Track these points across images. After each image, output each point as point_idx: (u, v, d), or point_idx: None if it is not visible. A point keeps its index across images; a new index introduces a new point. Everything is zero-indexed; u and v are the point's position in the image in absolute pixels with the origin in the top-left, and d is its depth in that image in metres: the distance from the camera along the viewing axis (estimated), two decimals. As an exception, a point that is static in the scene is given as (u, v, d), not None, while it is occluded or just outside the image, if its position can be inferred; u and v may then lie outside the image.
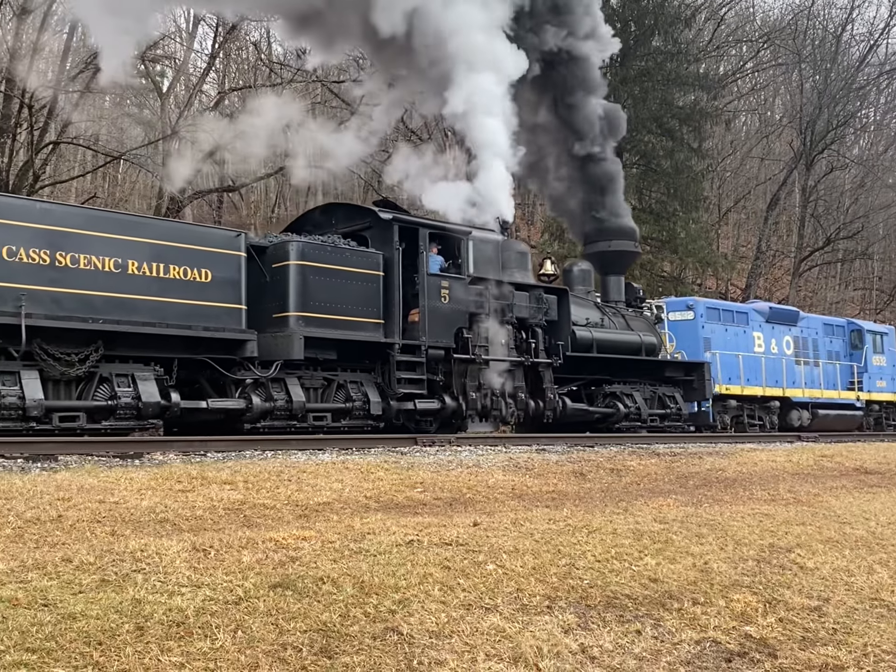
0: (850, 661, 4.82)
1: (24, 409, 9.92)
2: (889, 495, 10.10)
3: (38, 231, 10.20)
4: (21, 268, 10.00)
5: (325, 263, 12.52)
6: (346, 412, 12.87)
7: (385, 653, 4.13)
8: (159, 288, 11.01)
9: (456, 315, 13.92)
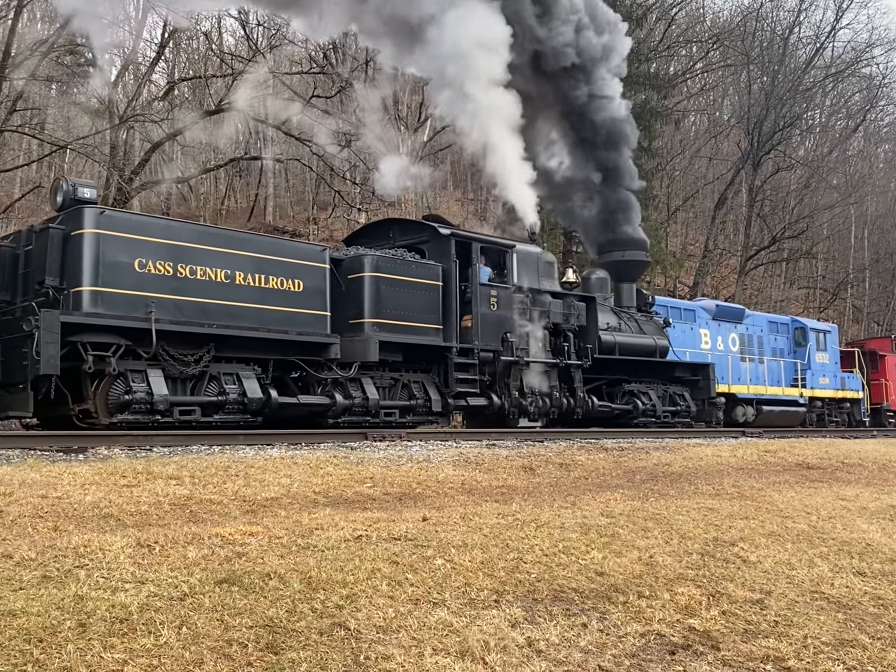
0: (791, 652, 4.92)
1: (152, 404, 11.04)
2: (830, 490, 10.31)
3: (163, 245, 11.39)
4: (149, 278, 11.20)
5: (394, 275, 13.88)
6: (410, 409, 14.20)
7: (332, 648, 4.11)
8: (261, 296, 12.29)
9: (502, 321, 15.37)
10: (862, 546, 7.39)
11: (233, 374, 12.07)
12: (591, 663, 4.40)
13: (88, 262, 10.83)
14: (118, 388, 10.94)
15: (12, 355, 10.77)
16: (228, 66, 28.74)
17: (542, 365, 16.09)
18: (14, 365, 10.75)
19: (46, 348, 10.04)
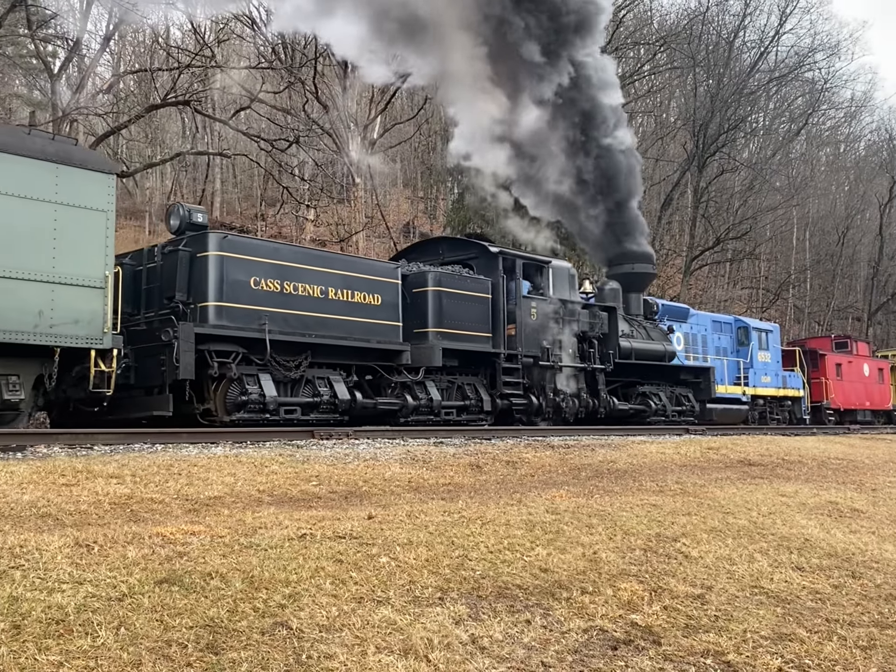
0: (731, 646, 4.99)
1: (264, 404, 12.51)
2: (770, 486, 10.49)
3: (272, 265, 12.97)
4: (262, 294, 12.75)
5: (452, 288, 15.55)
6: (465, 409, 15.78)
7: (273, 647, 4.07)
8: (348, 309, 13.84)
9: (541, 329, 17.15)
10: (801, 541, 7.53)
11: (324, 378, 13.62)
12: (534, 659, 4.42)
13: (213, 280, 12.29)
14: (235, 391, 12.41)
15: (146, 362, 11.97)
16: (175, 59, 28.33)
17: (572, 369, 17.82)
18: (148, 371, 11.97)
19: (184, 356, 11.45)
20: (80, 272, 10.74)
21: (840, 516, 8.98)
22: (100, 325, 10.88)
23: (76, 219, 10.76)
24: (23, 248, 10.25)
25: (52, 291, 10.48)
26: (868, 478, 12.30)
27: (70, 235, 10.70)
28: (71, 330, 10.59)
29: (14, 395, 10.34)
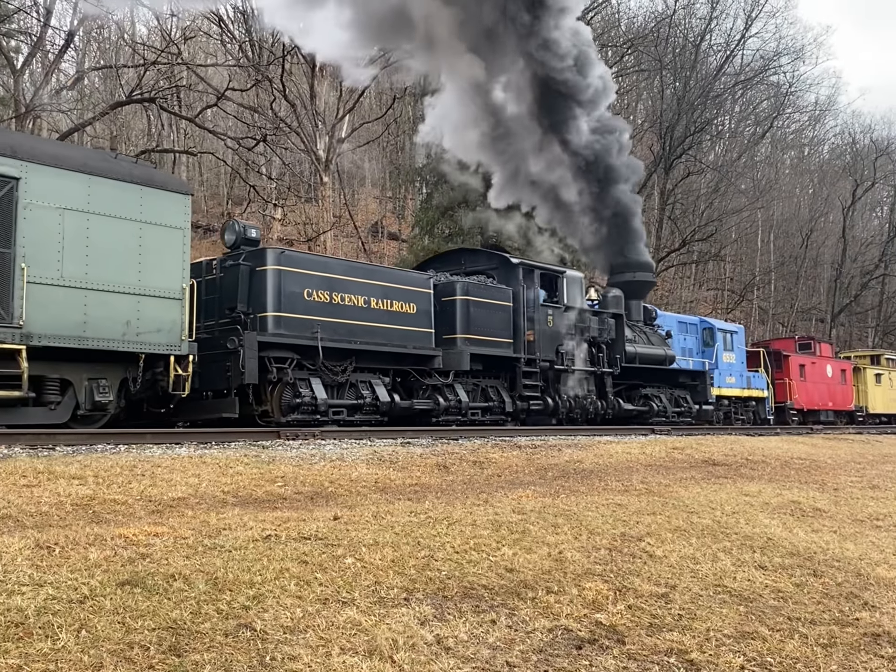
0: (694, 645, 5.03)
1: (316, 406, 13.64)
2: (734, 486, 10.59)
3: (322, 278, 14.06)
4: (314, 305, 13.84)
5: (478, 297, 16.65)
6: (489, 409, 16.88)
7: (237, 649, 4.05)
8: (388, 318, 14.94)
9: (556, 335, 18.28)
10: (763, 540, 7.61)
11: (366, 381, 14.71)
12: (499, 659, 4.42)
13: (271, 292, 13.37)
14: (289, 394, 13.45)
15: (210, 368, 12.71)
16: (141, 56, 28.05)
17: (583, 372, 19.02)
18: (212, 375, 12.80)
19: (249, 363, 12.58)
20: (161, 285, 11.75)
21: (802, 516, 9.09)
22: (178, 333, 11.88)
23: (158, 236, 11.77)
24: (114, 263, 11.27)
25: (139, 303, 11.50)
26: (830, 477, 12.46)
27: (153, 251, 11.69)
28: (154, 338, 11.61)
29: (104, 397, 11.33)
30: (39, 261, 10.57)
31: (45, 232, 10.67)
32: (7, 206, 10.38)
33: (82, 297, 10.92)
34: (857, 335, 60.70)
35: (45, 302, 10.57)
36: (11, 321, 10.24)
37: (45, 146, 11.69)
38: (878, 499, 10.86)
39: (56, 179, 10.85)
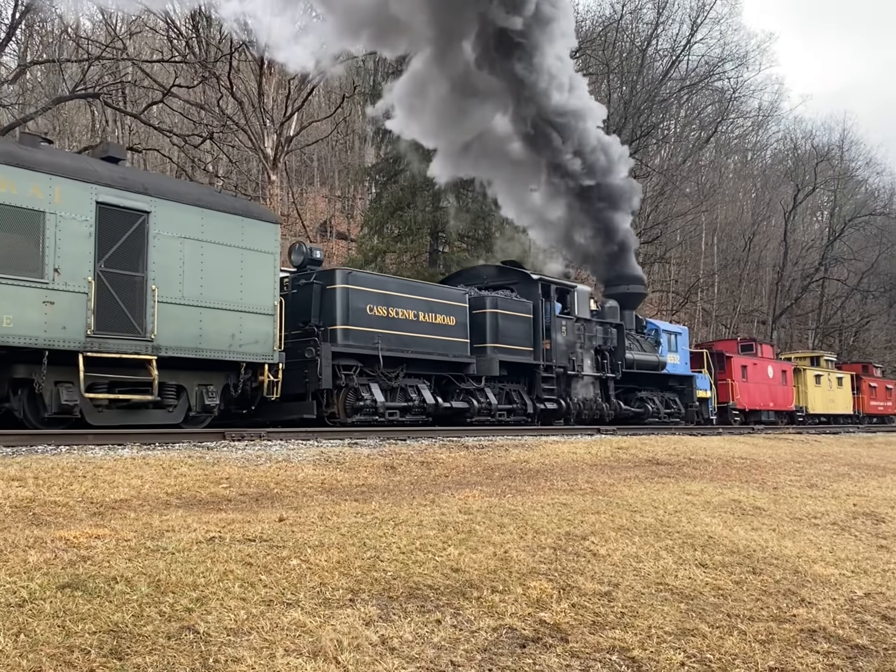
0: (636, 642, 5.10)
1: (376, 408, 15.36)
2: (677, 485, 10.75)
3: (381, 295, 15.92)
4: (375, 319, 15.69)
5: (505, 310, 18.55)
6: (512, 411, 18.67)
7: (179, 652, 4.01)
8: (432, 329, 16.83)
9: (569, 344, 20.16)
10: (705, 539, 7.74)
11: (414, 385, 16.45)
12: (444, 659, 4.45)
13: (340, 308, 15.20)
14: (353, 397, 15.10)
15: (287, 375, 13.88)
16: (85, 50, 27.54)
17: (591, 377, 20.95)
18: (290, 381, 14.06)
19: (325, 370, 14.44)
20: (258, 302, 13.46)
21: (743, 514, 9.26)
22: (271, 344, 13.59)
23: (255, 260, 13.48)
24: (222, 284, 12.95)
25: (241, 318, 13.19)
26: (770, 476, 12.72)
27: (251, 273, 13.39)
28: (252, 348, 13.35)
29: (211, 401, 13.04)
30: (165, 283, 12.20)
31: (169, 258, 12.30)
32: (140, 236, 12.05)
33: (198, 313, 12.65)
34: (798, 337, 61.94)
35: (169, 318, 12.22)
36: (144, 335, 11.94)
37: (168, 184, 13.50)
38: (816, 497, 11.11)
39: (177, 213, 12.49)
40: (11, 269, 10.62)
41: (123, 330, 11.74)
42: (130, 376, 11.91)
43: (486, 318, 18.12)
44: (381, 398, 15.45)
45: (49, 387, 11.17)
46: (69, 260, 11.21)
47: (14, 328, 10.55)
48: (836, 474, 13.95)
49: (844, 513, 10.20)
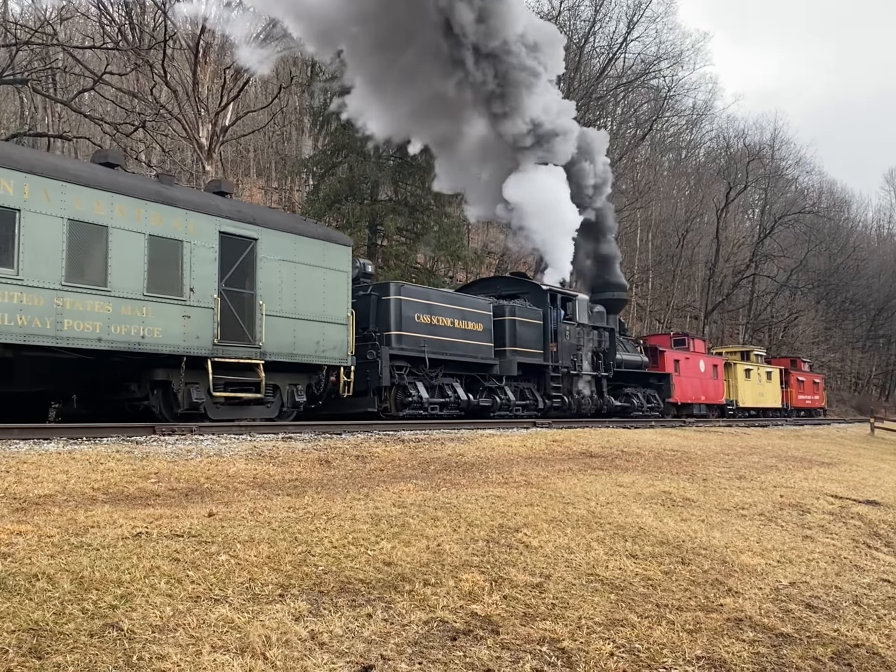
0: (566, 633, 5.15)
1: (422, 403, 17.62)
2: (609, 477, 10.87)
3: (425, 304, 18.26)
4: (421, 325, 17.97)
5: (521, 317, 20.90)
6: (526, 406, 20.85)
7: (102, 650, 3.92)
8: (464, 335, 19.18)
9: (572, 347, 22.58)
10: (635, 530, 7.84)
11: (449, 384, 18.78)
12: (374, 653, 4.42)
13: (394, 316, 17.45)
14: (402, 394, 17.31)
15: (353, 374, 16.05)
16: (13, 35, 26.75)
17: (589, 376, 23.37)
18: (355, 379, 16.01)
19: (384, 370, 16.80)
20: (336, 313, 15.67)
21: (673, 505, 9.41)
22: (345, 349, 15.80)
23: (333, 277, 15.69)
24: (310, 298, 15.15)
25: (323, 328, 15.37)
26: (700, 468, 12.94)
27: (331, 289, 15.59)
28: (332, 353, 15.52)
29: (300, 399, 15.22)
30: (269, 298, 14.41)
31: (272, 277, 14.49)
32: (251, 259, 14.21)
33: (293, 324, 14.83)
34: (729, 332, 63.16)
35: (272, 328, 14.41)
36: (254, 343, 14.11)
37: (270, 215, 15.98)
38: (745, 489, 11.34)
39: (277, 239, 14.68)
40: (161, 289, 12.74)
41: (239, 339, 13.94)
42: (241, 377, 14.02)
43: (505, 325, 20.42)
44: (425, 395, 17.69)
45: (181, 387, 13.19)
46: (200, 281, 13.36)
47: (163, 338, 12.70)
48: (763, 466, 14.26)
49: (771, 504, 10.43)
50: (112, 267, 12.12)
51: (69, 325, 11.52)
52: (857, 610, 6.70)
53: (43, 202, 11.37)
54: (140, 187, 12.89)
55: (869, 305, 73.95)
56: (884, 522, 10.47)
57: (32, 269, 11.15)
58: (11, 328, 10.81)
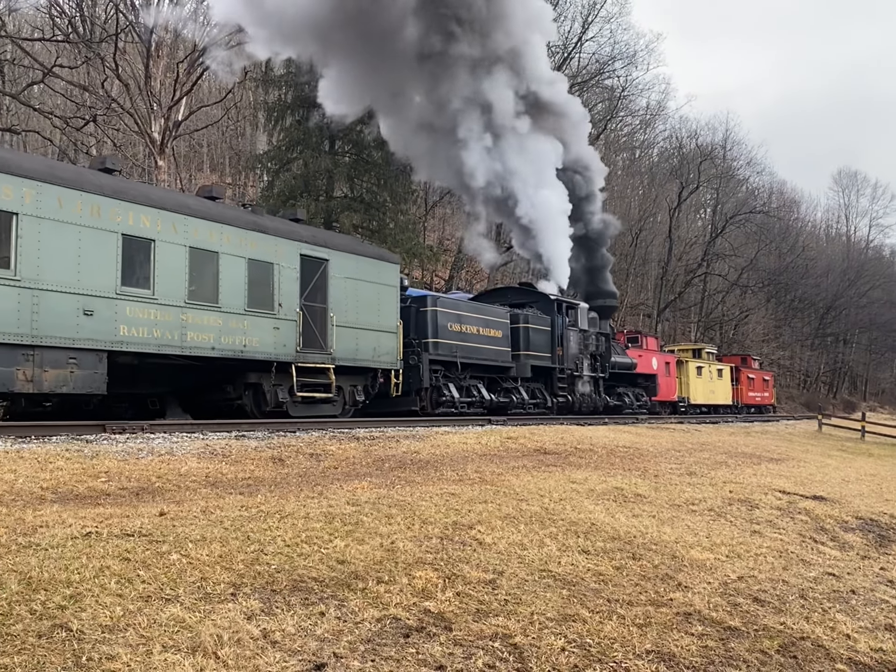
0: (518, 629, 5.19)
1: (454, 402, 19.71)
2: (563, 474, 10.96)
3: (456, 314, 20.31)
4: (453, 333, 20.05)
5: (534, 325, 23.15)
6: (537, 405, 23.16)
7: (51, 651, 3.88)
8: (487, 341, 21.25)
9: (576, 351, 24.99)
10: (588, 526, 7.93)
11: (475, 385, 20.86)
12: (327, 651, 4.43)
13: (432, 326, 19.58)
14: (437, 394, 19.51)
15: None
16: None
17: (589, 377, 25.86)
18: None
19: (425, 373, 19.04)
20: (388, 324, 17.97)
21: (625, 501, 9.52)
22: (395, 355, 18.09)
23: (385, 292, 18.01)
24: (369, 310, 17.47)
25: (378, 336, 17.67)
26: (651, 465, 13.10)
27: (384, 302, 17.92)
28: (385, 358, 17.84)
29: (359, 398, 17.60)
30: (338, 311, 16.70)
31: (339, 293, 16.78)
32: (324, 277, 16.46)
33: (356, 333, 17.11)
34: (681, 330, 63.94)
35: (341, 337, 16.72)
36: (327, 350, 16.42)
37: (338, 239, 18.15)
38: (695, 485, 11.50)
39: (343, 259, 16.97)
40: (257, 305, 14.96)
41: (315, 346, 16.15)
42: (315, 379, 16.18)
43: (520, 331, 22.61)
44: (457, 395, 19.86)
45: (270, 388, 15.41)
46: (286, 297, 15.57)
47: (259, 347, 14.94)
48: (714, 462, 14.48)
49: (721, 499, 10.60)
50: (222, 286, 14.30)
51: (191, 336, 13.72)
52: (803, 603, 6.84)
53: (171, 233, 13.51)
54: (242, 218, 15.13)
55: (817, 304, 75.33)
56: (830, 517, 10.70)
57: (164, 290, 13.31)
58: (149, 340, 13.06)
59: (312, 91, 30.23)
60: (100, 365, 12.29)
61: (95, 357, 12.22)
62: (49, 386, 11.60)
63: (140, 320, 12.88)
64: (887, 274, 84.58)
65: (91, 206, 12.36)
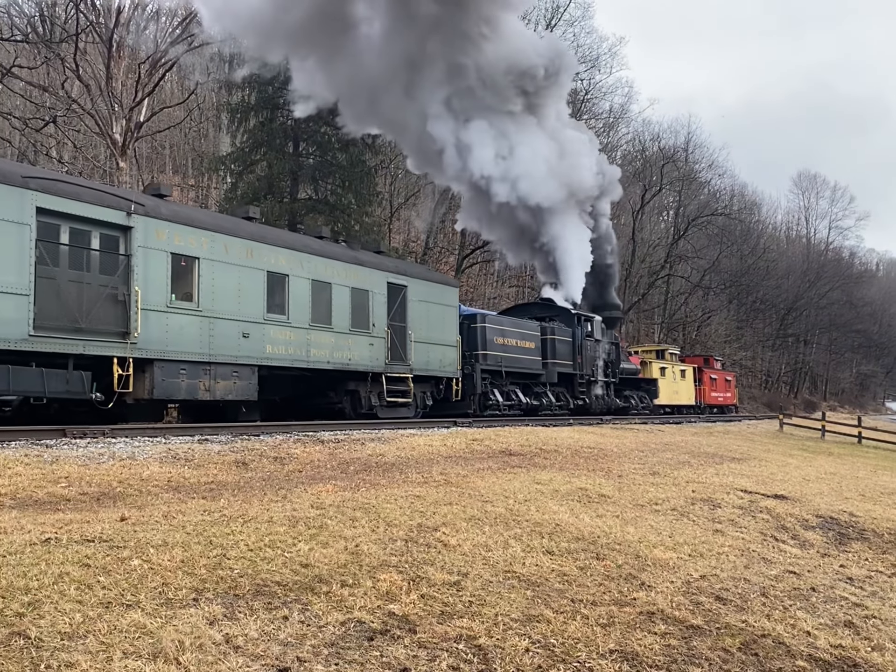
0: (483, 630, 5.19)
1: (499, 406, 22.78)
2: (528, 475, 10.99)
3: (500, 329, 23.33)
4: (499, 346, 23.02)
5: (559, 336, 26.24)
6: (561, 406, 26.14)
7: (9, 659, 3.82)
8: (524, 352, 24.29)
9: (591, 358, 28.01)
10: (552, 526, 7.96)
11: (513, 390, 23.89)
12: (290, 655, 4.40)
13: (481, 339, 22.49)
14: (484, 399, 22.37)
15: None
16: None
17: (603, 382, 28.92)
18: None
19: (479, 381, 22.03)
20: (450, 339, 21.36)
21: (589, 502, 9.57)
22: (455, 365, 21.48)
23: (447, 312, 21.37)
24: (436, 327, 20.76)
25: (443, 349, 20.98)
26: (615, 465, 13.18)
27: (448, 320, 21.35)
28: (448, 368, 21.20)
29: (429, 402, 20.77)
30: (415, 329, 20.01)
31: (416, 313, 20.09)
32: (404, 301, 19.76)
33: (427, 347, 20.39)
34: (645, 331, 64.41)
35: (417, 351, 19.95)
36: (407, 362, 19.70)
37: (413, 268, 21.79)
38: (658, 485, 11.59)
39: (417, 285, 20.29)
40: (358, 326, 18.29)
41: (399, 359, 19.46)
42: (396, 387, 19.34)
43: (548, 342, 25.57)
44: (501, 399, 22.92)
45: (366, 394, 18.61)
46: (378, 318, 18.88)
47: (359, 360, 18.31)
48: (677, 462, 14.60)
49: (684, 499, 10.69)
50: (333, 311, 17.63)
51: (314, 352, 17.08)
52: (765, 601, 6.92)
53: (299, 268, 16.84)
54: (346, 254, 18.46)
55: (778, 305, 76.27)
56: (791, 516, 10.83)
57: (295, 315, 16.65)
58: (285, 356, 16.34)
59: (276, 93, 30.12)
60: (253, 377, 15.52)
61: (250, 370, 15.46)
62: (220, 395, 14.80)
63: (279, 340, 16.16)
64: (846, 275, 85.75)
65: (246, 250, 15.64)
